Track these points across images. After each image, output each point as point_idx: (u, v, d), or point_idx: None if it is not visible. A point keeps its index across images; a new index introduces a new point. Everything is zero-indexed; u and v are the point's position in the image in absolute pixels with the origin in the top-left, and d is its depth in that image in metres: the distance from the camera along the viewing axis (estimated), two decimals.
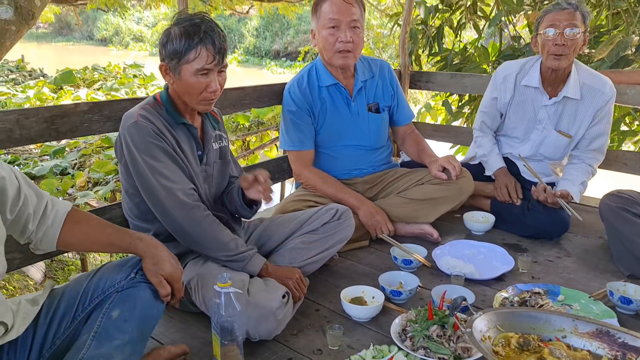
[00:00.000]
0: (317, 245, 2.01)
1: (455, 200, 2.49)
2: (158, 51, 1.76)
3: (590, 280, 2.13)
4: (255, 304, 1.61)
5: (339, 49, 2.36)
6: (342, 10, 2.32)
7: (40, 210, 1.32)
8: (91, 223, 1.38)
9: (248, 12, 14.34)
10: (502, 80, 2.70)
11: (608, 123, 2.61)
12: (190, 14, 1.72)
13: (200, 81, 1.70)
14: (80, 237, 1.36)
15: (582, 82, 2.55)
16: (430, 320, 1.63)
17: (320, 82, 2.50)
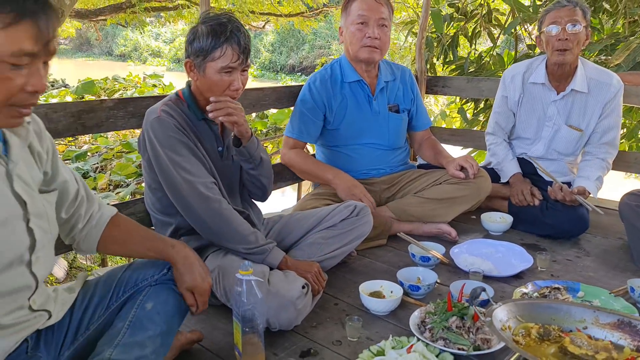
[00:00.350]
0: (335, 240, 2.03)
1: (473, 200, 2.50)
2: (183, 54, 1.81)
3: (611, 279, 2.11)
4: (275, 293, 1.63)
5: (366, 43, 2.43)
6: (372, 8, 2.41)
7: (90, 212, 1.39)
8: (130, 228, 1.44)
9: (264, 27, 14.54)
10: (510, 79, 2.77)
11: (618, 116, 2.64)
12: (217, 14, 1.77)
13: (224, 79, 1.74)
14: (118, 242, 1.42)
15: (589, 76, 2.60)
16: (449, 311, 1.63)
17: (344, 78, 2.55)
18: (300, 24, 11.61)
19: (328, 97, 2.52)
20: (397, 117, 2.63)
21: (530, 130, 2.76)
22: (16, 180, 1.11)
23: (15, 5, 0.95)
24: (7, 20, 0.94)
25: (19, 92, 1.00)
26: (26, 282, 1.14)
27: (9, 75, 0.97)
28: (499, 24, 4.57)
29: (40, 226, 1.15)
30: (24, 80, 0.99)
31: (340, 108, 2.54)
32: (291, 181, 2.80)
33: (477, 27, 4.53)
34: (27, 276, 1.13)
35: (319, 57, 23.14)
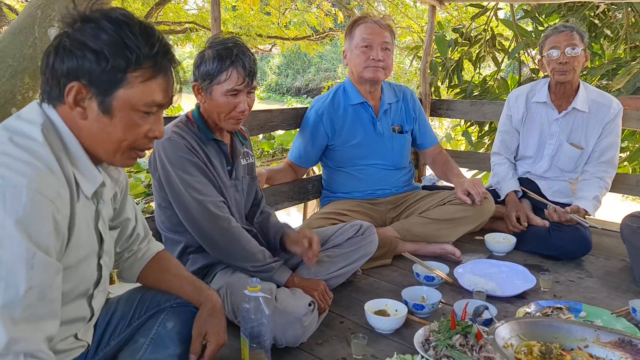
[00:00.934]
0: (341, 259, 2.08)
1: (477, 221, 2.54)
2: (191, 76, 1.88)
3: (613, 300, 2.14)
4: (282, 310, 1.67)
5: (370, 64, 2.51)
6: (375, 32, 2.50)
7: (137, 244, 1.46)
8: (169, 266, 1.50)
9: (271, 50, 14.73)
10: (515, 99, 2.89)
11: (617, 136, 2.72)
12: (224, 38, 1.84)
13: (230, 101, 1.80)
14: (156, 277, 1.47)
15: (590, 98, 2.70)
16: (453, 329, 1.66)
17: (348, 100, 2.62)
18: (307, 47, 11.78)
19: (331, 121, 2.60)
20: (400, 138, 2.70)
21: (533, 148, 2.85)
22: (101, 219, 1.20)
23: (154, 61, 1.08)
24: (147, 74, 1.08)
25: (143, 137, 1.13)
26: (84, 313, 1.21)
27: (139, 122, 1.10)
28: (502, 48, 4.65)
29: (106, 263, 1.24)
30: (149, 127, 1.13)
31: (344, 130, 2.61)
32: (297, 201, 2.85)
33: (481, 51, 4.61)
34: (85, 308, 1.21)
35: (325, 79, 23.39)
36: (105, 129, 1.08)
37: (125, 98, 1.07)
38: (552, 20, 4.61)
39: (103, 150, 1.11)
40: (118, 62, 1.04)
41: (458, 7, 8.12)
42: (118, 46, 1.04)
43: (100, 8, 1.08)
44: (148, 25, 1.10)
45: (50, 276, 0.98)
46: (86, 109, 1.07)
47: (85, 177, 1.10)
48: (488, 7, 4.57)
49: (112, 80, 1.05)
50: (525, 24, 4.95)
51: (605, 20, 4.24)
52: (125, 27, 1.05)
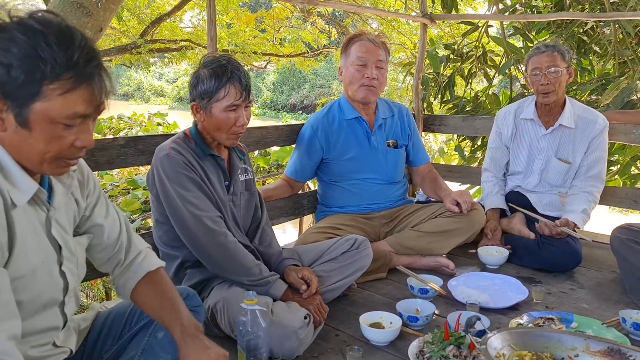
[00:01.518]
0: (336, 273, 2.11)
1: (468, 232, 2.58)
2: (186, 93, 1.93)
3: (604, 311, 2.17)
4: (278, 323, 1.69)
5: (364, 83, 2.57)
6: (370, 51, 2.56)
7: (129, 258, 1.41)
8: (159, 291, 1.38)
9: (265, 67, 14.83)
10: (503, 116, 2.96)
11: (604, 151, 2.78)
12: (216, 56, 1.88)
13: (230, 117, 1.84)
14: (145, 300, 1.38)
15: (576, 114, 2.77)
16: (446, 341, 1.69)
17: (343, 115, 2.68)
18: (301, 64, 11.89)
19: (326, 135, 2.65)
20: (395, 152, 2.74)
21: (523, 163, 2.91)
22: (54, 226, 1.18)
23: (73, 72, 1.01)
24: (66, 86, 1.01)
25: (69, 147, 1.07)
26: (57, 321, 1.21)
27: (62, 134, 1.05)
28: (494, 64, 4.73)
29: (70, 269, 1.22)
30: (74, 137, 1.07)
31: (338, 144, 2.66)
32: (293, 216, 2.88)
33: (472, 67, 4.68)
34: (58, 316, 1.21)
35: (320, 96, 23.52)
36: (26, 141, 1.03)
37: (43, 111, 1.01)
38: (542, 37, 4.70)
39: (28, 161, 1.07)
40: (31, 76, 0.99)
41: (450, 24, 8.23)
42: (30, 59, 0.98)
43: (20, 14, 1.02)
44: (67, 31, 1.02)
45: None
46: (4, 120, 1.02)
47: (16, 186, 1.06)
48: (479, 24, 4.66)
49: (27, 93, 1.00)
50: (516, 39, 5.04)
51: (593, 37, 4.33)
52: (39, 37, 0.99)
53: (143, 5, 9.61)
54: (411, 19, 5.90)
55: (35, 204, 1.13)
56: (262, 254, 2.05)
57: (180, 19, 10.68)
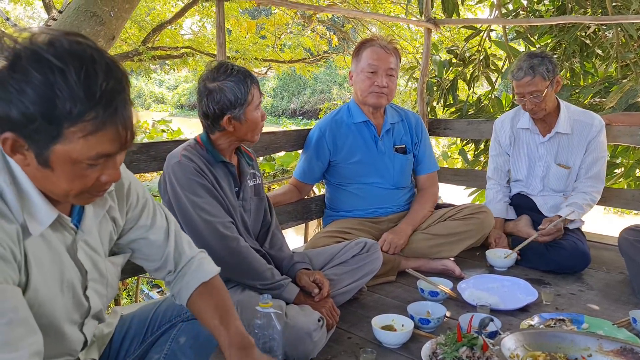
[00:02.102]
0: (347, 276, 2.12)
1: (478, 234, 2.59)
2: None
3: (614, 312, 2.18)
4: (293, 326, 1.71)
5: (374, 90, 2.58)
6: (381, 58, 2.57)
7: (180, 267, 1.40)
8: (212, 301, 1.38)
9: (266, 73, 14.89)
10: (501, 125, 2.99)
11: (602, 151, 2.79)
12: (224, 67, 1.88)
13: (259, 115, 1.92)
14: (199, 310, 1.38)
15: (572, 119, 2.78)
16: (459, 342, 1.70)
17: (351, 119, 2.70)
18: (302, 69, 11.94)
19: (334, 137, 2.67)
20: (402, 158, 2.75)
21: (524, 170, 2.93)
22: (81, 249, 1.16)
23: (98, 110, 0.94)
24: (88, 128, 0.94)
25: (93, 183, 1.03)
26: (76, 341, 1.21)
27: (85, 173, 1.00)
28: (496, 68, 4.75)
29: (97, 291, 1.22)
30: (99, 174, 1.02)
31: (346, 147, 2.67)
32: (300, 220, 2.89)
33: (475, 71, 4.71)
34: (77, 335, 1.21)
35: (320, 101, 23.58)
36: (48, 179, 0.99)
37: (64, 153, 0.95)
38: (544, 41, 4.73)
39: (53, 194, 1.04)
40: (49, 119, 0.92)
41: (451, 29, 8.27)
42: (47, 101, 0.90)
43: (37, 42, 0.93)
44: (90, 64, 0.93)
45: (7, 300, 0.95)
46: (26, 156, 0.97)
47: (33, 216, 1.02)
48: (481, 28, 4.69)
49: (46, 136, 0.93)
50: (517, 43, 5.07)
51: (596, 40, 4.35)
52: (58, 75, 0.91)
53: (144, 13, 9.66)
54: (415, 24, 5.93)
55: (62, 227, 1.11)
56: (274, 257, 2.06)
57: (180, 26, 10.73)
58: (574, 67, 4.42)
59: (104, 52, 0.99)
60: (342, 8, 8.60)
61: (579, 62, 4.39)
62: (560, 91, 3.83)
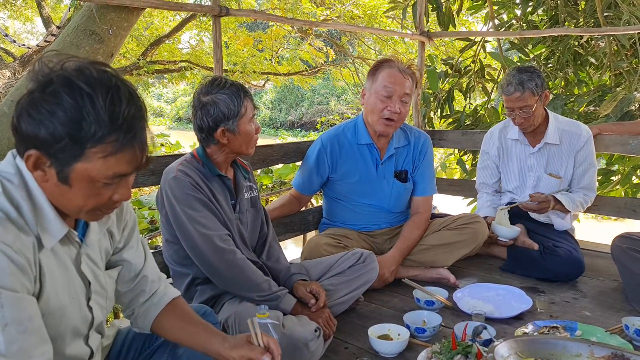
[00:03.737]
0: (344, 286, 2.15)
1: (472, 244, 2.62)
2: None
3: (607, 318, 2.20)
4: (290, 336, 1.73)
5: (386, 116, 2.50)
6: (397, 82, 2.48)
7: (154, 289, 1.43)
8: (185, 317, 1.42)
9: (264, 85, 14.98)
10: (489, 136, 3.04)
11: (592, 162, 2.83)
12: (217, 81, 1.93)
13: (253, 127, 1.95)
14: (171, 328, 1.40)
15: (560, 128, 2.82)
16: (454, 350, 1.73)
17: (355, 139, 2.67)
18: (300, 80, 12.02)
19: (334, 154, 2.65)
20: (400, 186, 2.70)
21: (515, 181, 2.97)
22: (84, 262, 1.21)
23: (116, 136, 1.02)
24: (108, 149, 1.02)
25: (106, 202, 1.10)
26: (82, 353, 1.24)
27: (100, 191, 1.07)
28: (491, 78, 4.81)
29: (99, 303, 1.26)
30: (112, 192, 1.09)
31: (345, 166, 2.66)
32: (298, 232, 2.92)
33: (470, 82, 4.76)
34: (83, 348, 1.24)
35: (318, 113, 23.68)
36: (65, 195, 1.06)
37: (84, 171, 1.03)
38: (538, 51, 4.80)
39: (66, 209, 1.10)
40: (74, 139, 1.00)
41: (446, 43, 8.35)
42: (75, 123, 0.99)
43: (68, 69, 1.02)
44: (116, 92, 1.02)
45: (25, 309, 1.00)
46: (46, 173, 1.04)
47: (46, 230, 1.08)
48: (475, 40, 4.75)
49: (69, 155, 1.01)
50: (512, 55, 5.13)
51: (589, 49, 4.42)
52: (87, 100, 0.99)
53: (142, 28, 9.74)
54: (409, 37, 6.00)
55: (69, 241, 1.17)
56: (271, 269, 2.09)
57: (178, 40, 10.82)
58: (567, 76, 4.48)
59: (126, 82, 1.07)
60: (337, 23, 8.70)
61: (572, 71, 4.46)
62: (555, 100, 3.89)
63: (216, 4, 2.56)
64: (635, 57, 3.97)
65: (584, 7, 4.45)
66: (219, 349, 1.32)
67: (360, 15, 9.22)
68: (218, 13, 2.55)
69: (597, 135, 2.99)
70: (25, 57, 6.44)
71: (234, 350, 1.30)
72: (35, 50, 6.32)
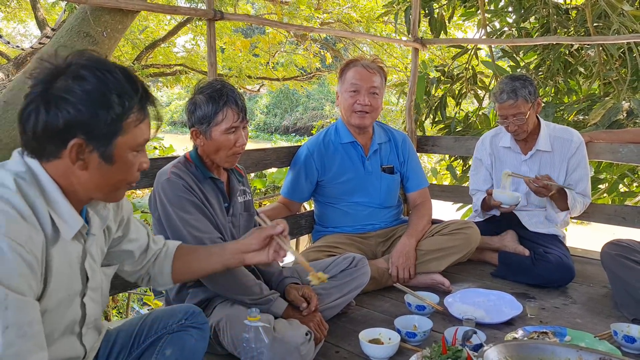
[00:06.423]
0: (335, 290, 2.16)
1: (465, 249, 2.63)
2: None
3: (596, 324, 2.22)
4: (281, 339, 1.73)
5: (357, 109, 2.62)
6: (363, 78, 2.61)
7: (157, 251, 1.58)
8: (193, 250, 1.66)
9: (259, 90, 15.00)
10: (481, 143, 3.06)
11: (585, 168, 2.86)
12: (210, 81, 1.95)
13: (229, 138, 1.91)
14: (188, 267, 1.61)
15: (552, 135, 2.84)
16: (444, 354, 1.74)
17: (339, 139, 2.74)
18: (295, 85, 12.05)
19: (322, 158, 2.71)
20: (389, 178, 2.78)
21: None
22: (87, 258, 1.24)
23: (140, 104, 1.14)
24: (138, 118, 1.14)
25: (136, 172, 1.21)
26: (77, 352, 1.26)
27: (134, 160, 1.18)
28: (484, 85, 4.85)
29: (93, 299, 1.28)
30: (140, 161, 1.20)
31: (333, 167, 2.71)
32: (291, 236, 2.90)
33: (462, 88, 4.79)
34: (77, 346, 1.26)
35: (313, 118, 23.72)
36: (106, 175, 1.14)
37: (124, 144, 1.13)
38: (529, 58, 4.84)
39: (101, 193, 1.17)
40: (113, 114, 1.09)
41: (441, 48, 8.40)
42: (107, 99, 1.08)
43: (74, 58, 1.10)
44: (127, 69, 1.15)
45: (27, 314, 1.02)
46: (85, 160, 1.11)
47: (65, 221, 1.13)
48: (468, 47, 4.79)
49: (111, 131, 1.10)
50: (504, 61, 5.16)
51: (579, 58, 4.46)
52: (108, 76, 1.09)
53: (137, 31, 9.74)
54: (403, 44, 6.04)
55: (76, 237, 1.19)
56: (263, 272, 2.09)
57: (173, 44, 10.83)
58: (558, 84, 4.51)
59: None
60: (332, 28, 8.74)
61: (562, 80, 4.49)
62: (545, 108, 3.92)
63: (211, 7, 2.57)
64: (624, 66, 4.01)
65: (574, 16, 4.49)
66: (235, 249, 1.59)
67: (358, 18, 9.27)
68: (212, 17, 2.56)
69: (587, 142, 3.02)
70: (19, 58, 6.43)
71: (248, 240, 1.60)
72: (30, 52, 6.31)
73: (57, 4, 8.29)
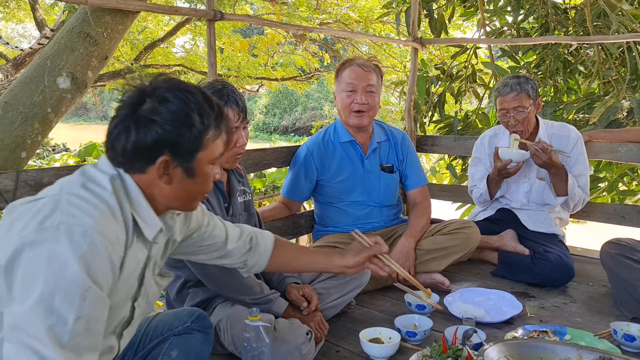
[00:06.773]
0: (336, 290, 2.17)
1: (465, 249, 2.63)
2: None
3: (596, 323, 2.23)
4: (281, 339, 1.74)
5: (354, 109, 2.62)
6: (359, 77, 2.61)
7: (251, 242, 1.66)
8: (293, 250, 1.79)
9: (258, 90, 14.99)
10: (480, 142, 3.07)
11: (584, 164, 2.86)
12: (210, 82, 1.95)
13: (230, 139, 1.91)
14: (286, 261, 1.74)
15: (550, 132, 2.85)
16: (444, 353, 1.74)
17: (337, 138, 2.75)
18: (294, 85, 12.04)
19: (321, 157, 2.72)
20: (388, 177, 2.79)
21: (507, 187, 2.99)
22: (149, 264, 1.28)
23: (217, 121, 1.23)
24: (215, 134, 1.23)
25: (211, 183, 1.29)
26: (112, 352, 1.27)
27: (211, 172, 1.26)
28: (483, 83, 4.86)
29: (140, 306, 1.31)
30: (214, 173, 1.28)
31: (333, 166, 2.72)
32: (291, 235, 2.93)
33: (462, 86, 4.80)
34: (115, 347, 1.27)
35: (312, 118, 23.73)
36: (187, 188, 1.23)
37: (204, 158, 1.21)
38: (528, 58, 4.84)
39: (179, 203, 1.26)
40: (196, 132, 1.17)
41: (440, 47, 8.41)
42: (190, 118, 1.16)
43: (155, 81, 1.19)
44: (203, 90, 1.23)
45: (99, 310, 1.06)
46: (170, 174, 1.19)
47: (147, 223, 1.21)
48: (467, 46, 4.80)
49: (194, 148, 1.18)
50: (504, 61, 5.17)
51: (578, 58, 4.47)
52: (189, 97, 1.17)
53: (136, 31, 9.74)
54: (402, 44, 6.04)
55: (144, 243, 1.24)
56: (263, 272, 2.09)
57: (172, 44, 10.82)
58: (557, 84, 4.52)
59: None
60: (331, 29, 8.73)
61: (562, 79, 4.50)
62: (545, 107, 3.93)
63: (210, 8, 2.58)
64: (624, 66, 4.01)
65: (574, 16, 4.50)
66: (343, 263, 1.72)
67: (357, 19, 9.26)
68: (212, 17, 2.57)
69: (587, 142, 3.02)
70: (18, 59, 6.42)
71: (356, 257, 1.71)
72: (28, 52, 6.29)
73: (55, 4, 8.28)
